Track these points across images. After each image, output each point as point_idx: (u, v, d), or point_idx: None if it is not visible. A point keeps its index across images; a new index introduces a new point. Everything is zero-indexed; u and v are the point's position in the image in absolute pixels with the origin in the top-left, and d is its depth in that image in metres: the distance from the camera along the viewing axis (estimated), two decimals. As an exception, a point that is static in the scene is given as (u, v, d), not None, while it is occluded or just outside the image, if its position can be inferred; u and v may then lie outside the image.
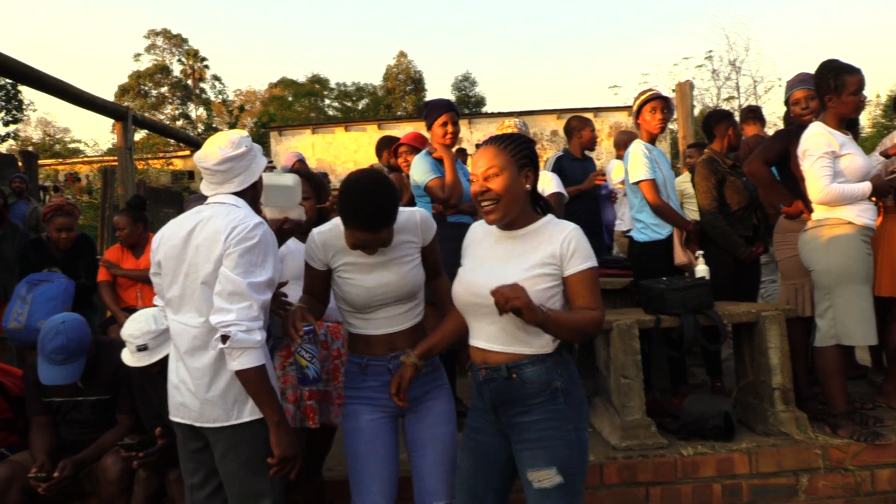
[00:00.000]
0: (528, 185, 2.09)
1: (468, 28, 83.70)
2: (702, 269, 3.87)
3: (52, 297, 4.20)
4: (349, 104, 47.37)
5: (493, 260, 2.12)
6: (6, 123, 25.66)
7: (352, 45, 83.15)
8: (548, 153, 17.58)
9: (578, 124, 5.48)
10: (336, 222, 2.31)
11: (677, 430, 3.46)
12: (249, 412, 2.22)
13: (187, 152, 28.43)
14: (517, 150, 2.08)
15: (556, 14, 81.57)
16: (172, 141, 26.28)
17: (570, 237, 2.04)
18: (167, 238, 2.34)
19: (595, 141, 5.43)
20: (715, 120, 4.35)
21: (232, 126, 25.26)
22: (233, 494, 2.29)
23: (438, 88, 68.19)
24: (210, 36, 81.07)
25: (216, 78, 44.53)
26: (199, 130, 34.51)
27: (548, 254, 2.03)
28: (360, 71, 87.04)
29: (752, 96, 22.53)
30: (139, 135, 29.11)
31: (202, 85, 43.61)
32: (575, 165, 5.29)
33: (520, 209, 2.09)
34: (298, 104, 46.06)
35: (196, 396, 2.24)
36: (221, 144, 2.32)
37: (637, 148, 4.07)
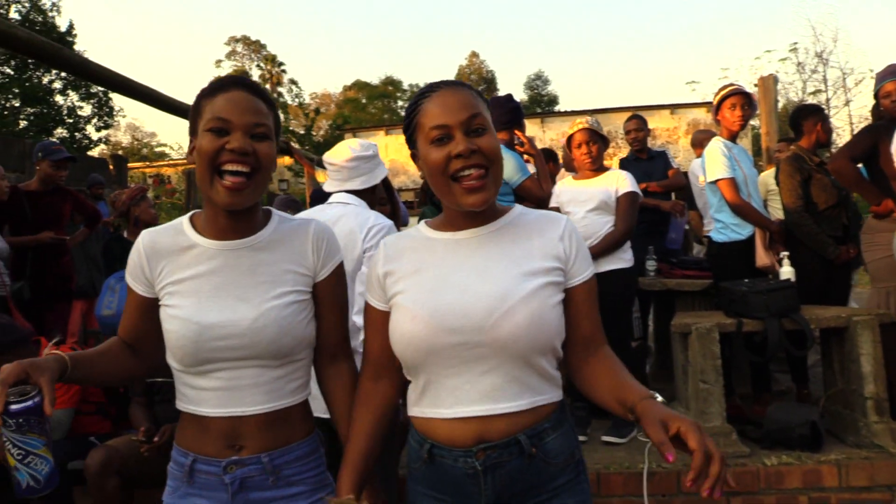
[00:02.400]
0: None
1: (540, 26, 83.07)
2: (787, 271, 3.72)
3: None
4: (422, 105, 47.82)
5: (462, 268, 1.36)
6: (98, 129, 27.03)
7: (424, 47, 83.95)
8: (622, 152, 17.28)
9: (624, 125, 5.44)
10: (177, 222, 1.52)
11: (760, 439, 3.33)
12: None
13: (265, 155, 29.28)
14: (485, 105, 1.39)
15: (631, 8, 79.93)
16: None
17: (570, 229, 1.41)
18: None
19: (636, 140, 5.30)
20: (803, 115, 4.17)
21: (308, 128, 25.92)
22: None
23: (510, 87, 68.04)
24: (287, 41, 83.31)
25: (293, 82, 45.79)
26: (277, 133, 35.46)
27: (548, 251, 1.37)
28: (432, 72, 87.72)
29: (840, 89, 21.52)
30: (220, 138, 30.08)
31: (279, 89, 44.88)
32: (635, 166, 5.18)
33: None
34: (372, 106, 46.89)
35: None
36: (352, 146, 2.50)
37: (715, 146, 3.95)
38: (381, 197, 2.78)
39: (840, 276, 4.08)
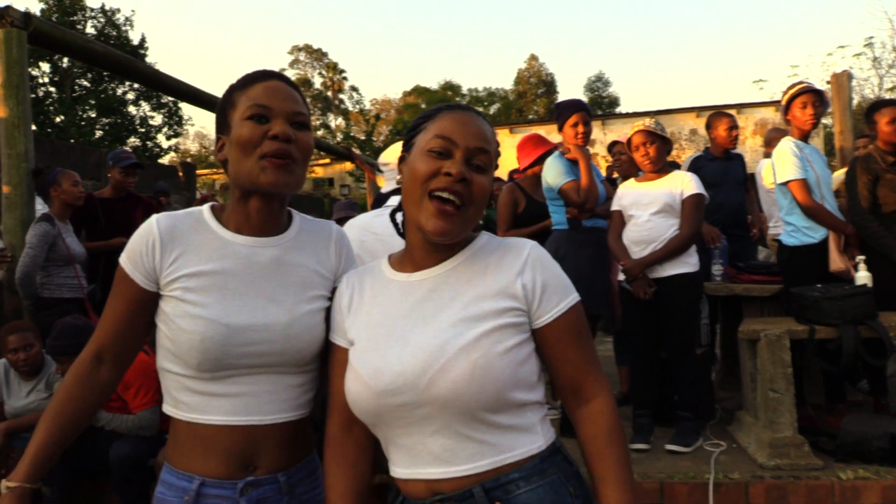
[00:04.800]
0: None
1: (601, 28, 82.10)
2: (863, 276, 3.55)
3: None
4: (481, 109, 47.96)
5: (410, 317, 1.22)
6: (168, 138, 28.03)
7: (483, 51, 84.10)
8: (686, 153, 16.86)
9: (713, 121, 5.21)
10: (194, 210, 1.39)
11: (834, 451, 3.19)
12: None
13: (327, 161, 29.89)
14: (497, 148, 1.29)
15: (695, 6, 78.14)
16: (314, 150, 27.67)
17: (534, 259, 1.24)
18: (356, 238, 2.49)
19: (730, 139, 5.11)
20: (879, 110, 3.96)
21: (369, 134, 26.29)
22: None
23: (571, 90, 67.45)
24: (348, 49, 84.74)
25: (354, 89, 46.67)
26: (339, 139, 36.09)
27: (502, 288, 1.21)
28: (491, 76, 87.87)
29: (919, 85, 20.51)
30: (284, 145, 30.85)
31: (341, 96, 45.78)
32: (713, 166, 5.02)
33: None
34: (431, 111, 47.26)
35: None
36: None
37: (786, 146, 3.80)
38: None
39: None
